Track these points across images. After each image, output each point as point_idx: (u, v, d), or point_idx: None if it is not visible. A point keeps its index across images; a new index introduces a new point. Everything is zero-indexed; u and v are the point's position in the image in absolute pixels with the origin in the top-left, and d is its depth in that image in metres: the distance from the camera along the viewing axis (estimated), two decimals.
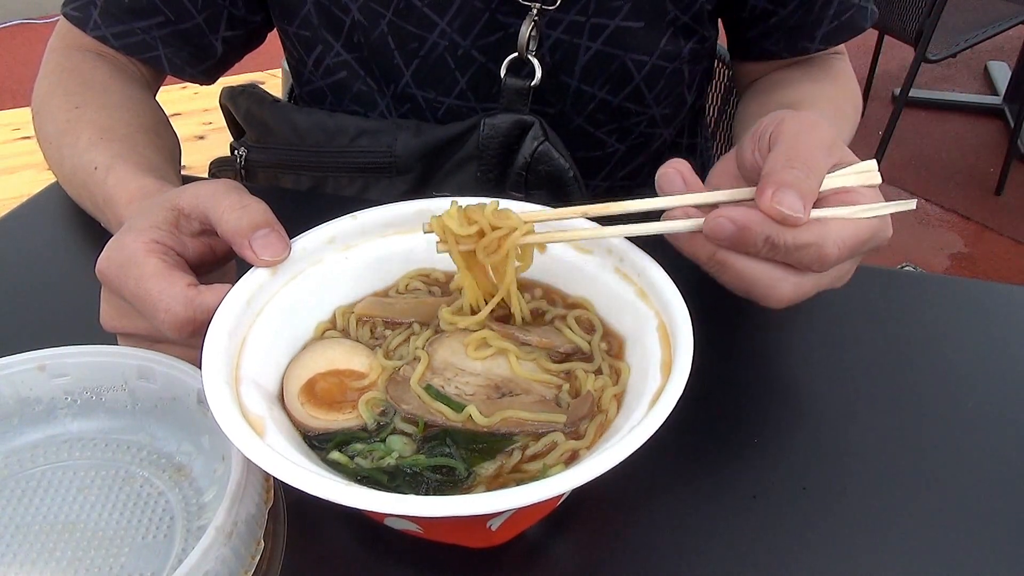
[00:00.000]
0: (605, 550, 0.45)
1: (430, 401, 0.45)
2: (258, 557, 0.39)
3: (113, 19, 0.75)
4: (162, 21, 0.75)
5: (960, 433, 0.52)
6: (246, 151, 0.82)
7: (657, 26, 0.74)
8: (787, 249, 0.45)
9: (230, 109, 0.87)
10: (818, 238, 0.45)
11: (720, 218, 0.45)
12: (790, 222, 0.44)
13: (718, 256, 0.46)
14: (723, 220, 0.45)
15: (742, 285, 0.47)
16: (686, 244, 0.48)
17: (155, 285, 0.45)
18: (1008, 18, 2.50)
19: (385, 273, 0.54)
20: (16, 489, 0.45)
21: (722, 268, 0.47)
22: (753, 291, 0.47)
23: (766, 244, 0.45)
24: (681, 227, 0.47)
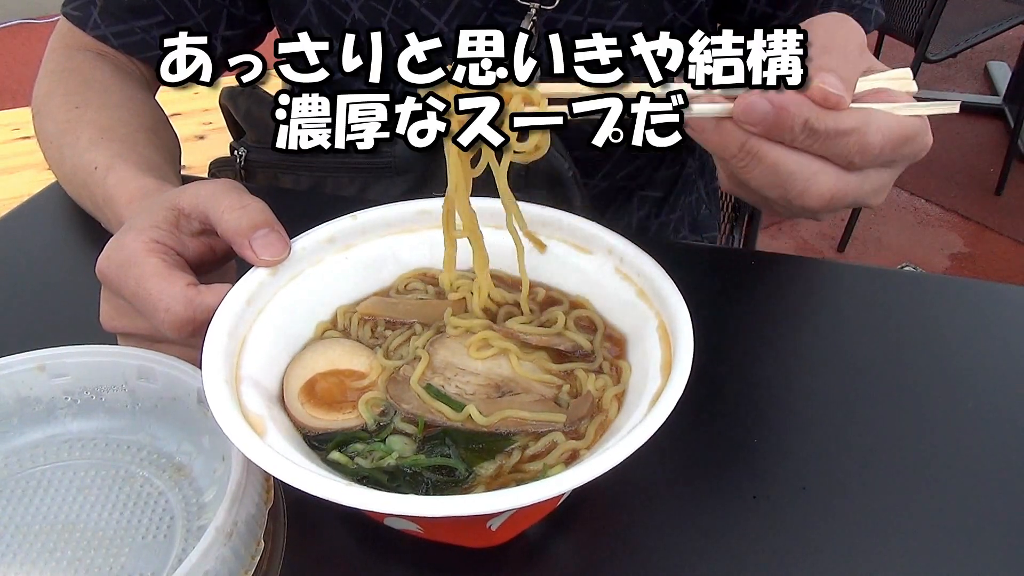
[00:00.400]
0: (605, 550, 0.45)
1: (430, 400, 0.45)
2: (258, 557, 0.39)
3: (113, 18, 0.75)
4: (162, 20, 0.75)
5: (960, 433, 0.52)
6: (246, 151, 0.81)
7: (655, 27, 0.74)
8: (828, 135, 0.41)
9: (230, 109, 0.87)
10: (861, 123, 0.41)
11: (753, 97, 0.40)
12: (831, 102, 0.40)
13: (750, 144, 0.41)
14: (757, 99, 0.40)
15: (775, 179, 0.42)
16: (713, 135, 0.42)
17: (155, 285, 0.45)
18: (1008, 18, 2.50)
19: (385, 273, 0.54)
20: (16, 489, 0.45)
21: (754, 160, 0.42)
22: (789, 187, 0.42)
23: (805, 130, 0.40)
24: (707, 110, 0.41)
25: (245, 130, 0.86)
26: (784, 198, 0.43)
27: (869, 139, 0.41)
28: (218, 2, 0.76)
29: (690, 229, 0.92)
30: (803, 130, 0.40)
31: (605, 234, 0.51)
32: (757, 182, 0.43)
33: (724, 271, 0.66)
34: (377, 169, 0.76)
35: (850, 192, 0.43)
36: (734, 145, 0.42)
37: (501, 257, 0.54)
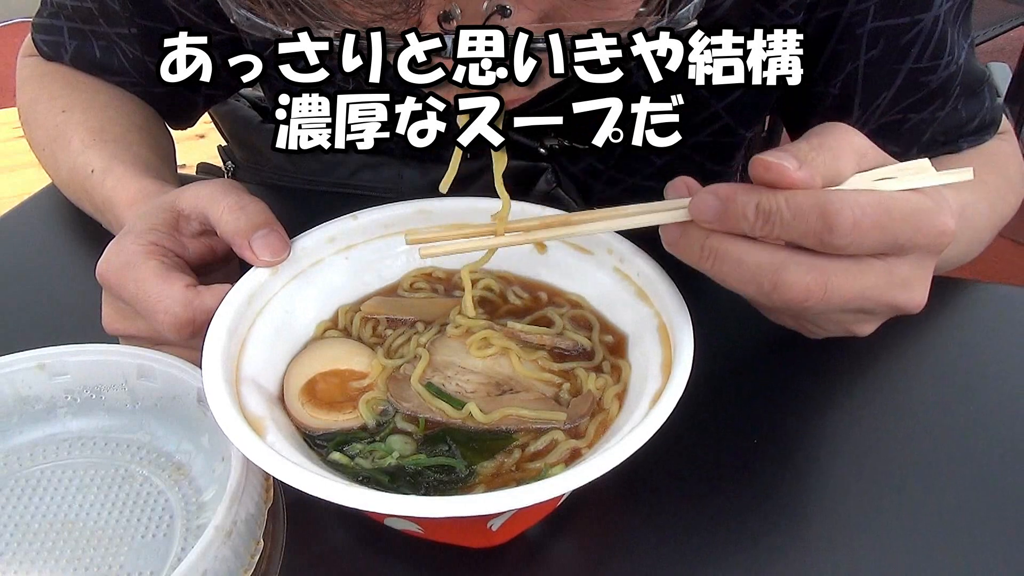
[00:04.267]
0: (605, 550, 0.45)
1: (430, 399, 0.45)
2: (257, 556, 0.39)
3: (84, 67, 0.72)
4: (135, 82, 0.73)
5: (960, 434, 0.52)
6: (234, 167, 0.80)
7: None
8: (783, 216, 0.38)
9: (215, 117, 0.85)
10: (822, 199, 0.38)
11: (702, 194, 0.39)
12: (773, 172, 0.38)
13: (709, 243, 0.40)
14: (705, 195, 0.39)
15: (745, 276, 0.40)
16: (680, 239, 0.42)
17: (154, 287, 0.45)
18: (1008, 19, 2.50)
19: (385, 273, 0.54)
20: (16, 488, 0.45)
21: (718, 258, 0.40)
22: (761, 283, 0.40)
23: (759, 216, 0.38)
24: (668, 217, 0.41)
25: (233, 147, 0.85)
26: (762, 293, 0.40)
27: (832, 212, 0.37)
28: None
29: None
30: (757, 216, 0.38)
31: (605, 234, 0.51)
32: (730, 283, 0.41)
33: None
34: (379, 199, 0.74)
35: (846, 283, 0.39)
36: (696, 247, 0.40)
37: (506, 258, 0.54)
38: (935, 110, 0.64)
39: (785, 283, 0.39)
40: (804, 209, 0.38)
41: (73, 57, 0.72)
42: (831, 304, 0.40)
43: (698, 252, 0.41)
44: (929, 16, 0.59)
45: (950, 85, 0.63)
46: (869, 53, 0.61)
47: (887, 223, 0.38)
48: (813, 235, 0.38)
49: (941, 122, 0.65)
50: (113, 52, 0.70)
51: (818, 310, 0.41)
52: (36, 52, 0.75)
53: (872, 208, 0.38)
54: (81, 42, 0.71)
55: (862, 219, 0.38)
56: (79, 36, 0.71)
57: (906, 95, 0.63)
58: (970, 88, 0.65)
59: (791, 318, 0.48)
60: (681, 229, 0.41)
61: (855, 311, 0.43)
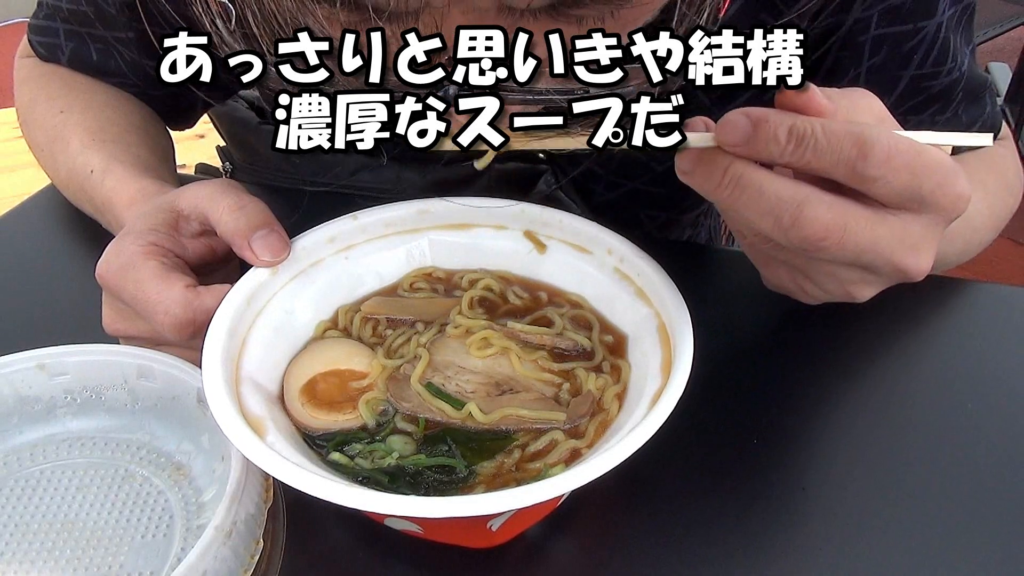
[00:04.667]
0: (605, 550, 0.45)
1: (430, 399, 0.45)
2: (257, 556, 0.39)
3: (81, 69, 0.72)
4: (132, 83, 0.72)
5: (960, 434, 0.52)
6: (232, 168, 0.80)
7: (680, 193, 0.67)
8: (817, 141, 0.36)
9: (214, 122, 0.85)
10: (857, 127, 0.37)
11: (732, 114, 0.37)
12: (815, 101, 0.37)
13: (732, 168, 0.38)
14: (736, 115, 0.37)
15: (765, 207, 0.38)
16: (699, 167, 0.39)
17: (154, 288, 0.45)
18: (1009, 19, 2.50)
19: (385, 273, 0.54)
20: (15, 488, 0.45)
21: (738, 187, 0.38)
22: (780, 213, 0.38)
23: (791, 139, 0.36)
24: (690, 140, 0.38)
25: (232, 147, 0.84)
26: (779, 227, 0.38)
27: (869, 139, 0.36)
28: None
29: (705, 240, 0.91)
30: (789, 138, 0.37)
31: (605, 234, 0.51)
32: (748, 212, 0.39)
33: (724, 271, 0.66)
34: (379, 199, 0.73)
35: (863, 226, 0.38)
36: (716, 174, 0.39)
37: (505, 257, 0.54)
38: (935, 113, 0.64)
39: (806, 218, 0.37)
40: (839, 135, 0.36)
41: (70, 59, 0.72)
42: (845, 249, 0.39)
43: (718, 179, 0.39)
44: (932, 23, 0.59)
45: (952, 91, 0.63)
46: (872, 60, 0.61)
47: (917, 167, 0.37)
48: (846, 163, 0.37)
49: (941, 126, 0.65)
50: (110, 55, 0.70)
51: (830, 255, 0.39)
52: (33, 53, 0.75)
53: (906, 147, 0.37)
54: (78, 44, 0.71)
55: (895, 155, 0.37)
56: (75, 38, 0.71)
57: (907, 100, 0.63)
58: (972, 94, 0.65)
59: (791, 274, 0.46)
60: (701, 155, 0.39)
61: (862, 267, 0.42)
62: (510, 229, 0.54)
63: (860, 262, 0.41)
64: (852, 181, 0.38)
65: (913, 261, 0.41)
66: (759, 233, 0.41)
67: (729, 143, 0.38)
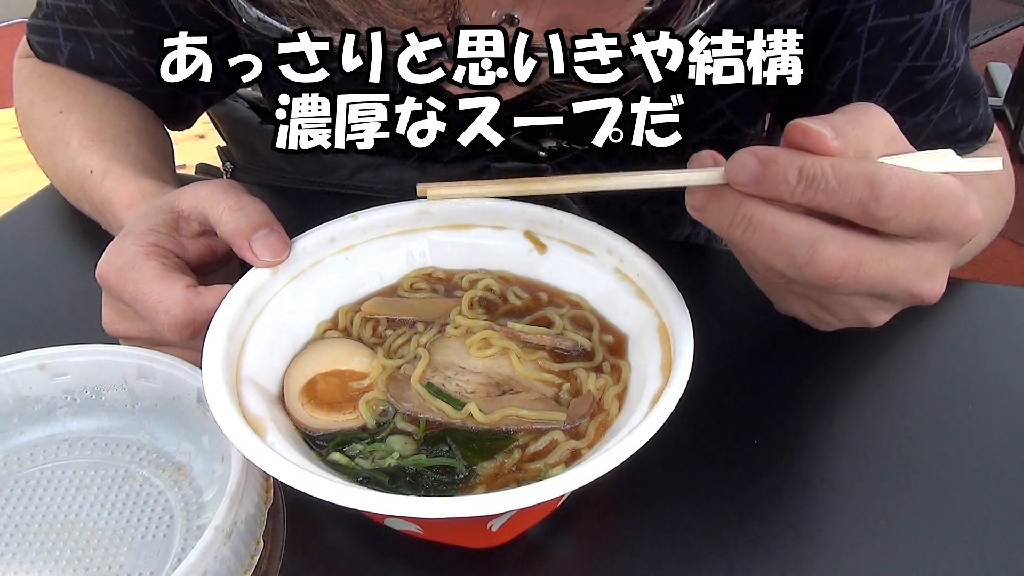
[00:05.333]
0: (605, 550, 0.45)
1: (430, 399, 0.45)
2: (257, 557, 0.39)
3: (80, 69, 0.72)
4: (131, 82, 0.72)
5: (960, 434, 0.52)
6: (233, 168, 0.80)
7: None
8: (828, 183, 0.36)
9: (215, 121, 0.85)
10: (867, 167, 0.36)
11: (741, 154, 0.37)
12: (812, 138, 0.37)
13: (744, 208, 0.38)
14: (745, 155, 0.37)
15: (778, 247, 0.38)
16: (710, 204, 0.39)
17: (154, 288, 0.45)
18: (1009, 20, 2.50)
19: (385, 273, 0.54)
20: (16, 488, 0.45)
21: (751, 226, 0.38)
22: (795, 251, 0.38)
23: (801, 180, 0.36)
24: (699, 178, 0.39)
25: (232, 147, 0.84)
26: (793, 266, 0.38)
27: (881, 181, 0.36)
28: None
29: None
30: (799, 179, 0.36)
31: (605, 234, 0.51)
32: (761, 252, 0.39)
33: (724, 271, 0.66)
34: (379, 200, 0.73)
35: (876, 261, 0.38)
36: (729, 212, 0.38)
37: (505, 257, 0.54)
38: (930, 113, 0.64)
39: (821, 257, 0.37)
40: (851, 176, 0.36)
41: (69, 59, 0.72)
42: (860, 284, 0.39)
43: (729, 218, 0.39)
44: (929, 15, 0.59)
45: (946, 86, 0.63)
46: (868, 51, 0.61)
47: (929, 202, 0.37)
48: (857, 204, 0.37)
49: (936, 125, 0.65)
50: (108, 54, 0.70)
51: (846, 290, 0.40)
52: (32, 53, 0.75)
53: (917, 183, 0.37)
54: (76, 44, 0.71)
55: (907, 192, 0.37)
56: (74, 38, 0.71)
57: (901, 94, 0.63)
58: (966, 92, 0.65)
59: (805, 304, 0.46)
60: (712, 192, 0.39)
61: (878, 296, 0.42)
62: (510, 229, 0.54)
63: (875, 293, 0.41)
64: (864, 221, 0.38)
65: (928, 287, 0.41)
66: (772, 269, 0.41)
67: (739, 183, 0.38)
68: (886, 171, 0.37)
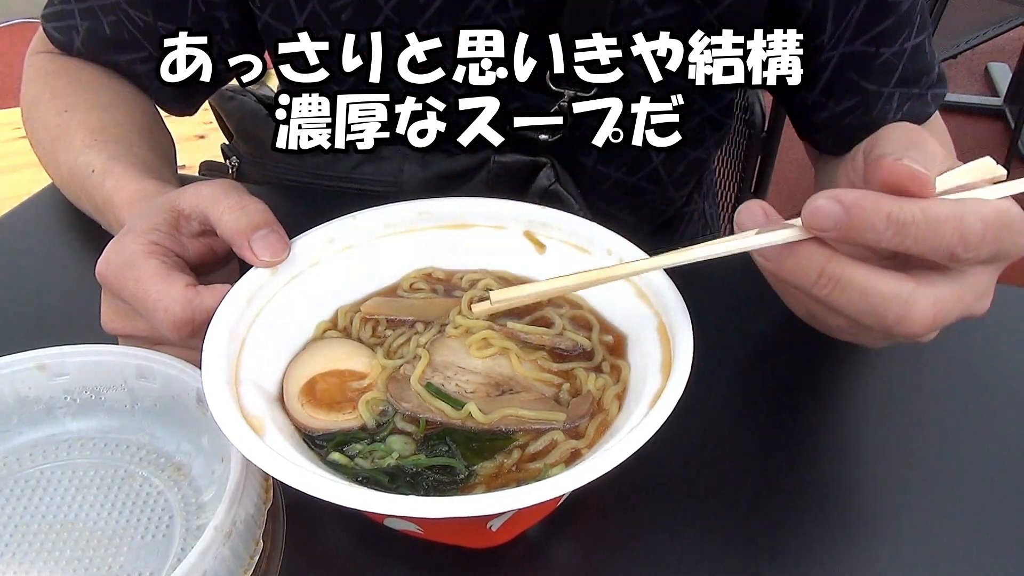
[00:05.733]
0: (605, 550, 0.45)
1: (430, 399, 0.45)
2: (257, 557, 0.39)
3: (95, 50, 0.73)
4: (146, 56, 0.73)
5: (961, 434, 0.52)
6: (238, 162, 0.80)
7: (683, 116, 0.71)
8: (918, 228, 0.35)
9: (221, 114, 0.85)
10: (955, 208, 0.35)
11: (820, 199, 0.35)
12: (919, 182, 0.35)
13: (831, 268, 0.36)
14: (824, 202, 0.35)
15: (867, 307, 0.37)
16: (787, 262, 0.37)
17: (154, 286, 0.45)
18: (1008, 19, 2.50)
19: (385, 273, 0.54)
20: (15, 488, 0.45)
21: (838, 285, 0.36)
22: (886, 312, 0.36)
23: (890, 226, 0.34)
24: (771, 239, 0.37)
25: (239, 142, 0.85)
26: (882, 325, 0.37)
27: (968, 225, 0.35)
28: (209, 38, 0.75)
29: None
30: (888, 225, 0.34)
31: (604, 234, 0.51)
32: (848, 310, 0.37)
33: (724, 271, 0.66)
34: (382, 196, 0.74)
35: (954, 305, 0.37)
36: (813, 271, 0.36)
37: (504, 257, 0.54)
38: (904, 40, 0.65)
39: (912, 318, 0.36)
40: (941, 222, 0.35)
41: (84, 40, 0.73)
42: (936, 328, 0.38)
43: (814, 278, 0.37)
44: None
45: (913, 12, 0.65)
46: None
47: (1003, 235, 0.36)
48: (945, 250, 0.35)
49: (911, 57, 0.66)
50: (123, 25, 0.71)
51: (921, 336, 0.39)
52: (45, 48, 0.76)
53: (992, 219, 0.36)
54: (92, 22, 0.72)
55: (987, 231, 0.36)
56: (90, 16, 0.72)
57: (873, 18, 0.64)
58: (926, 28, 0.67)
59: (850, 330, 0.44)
60: (791, 249, 0.37)
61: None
62: (509, 229, 0.54)
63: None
64: (946, 262, 0.37)
65: (981, 307, 0.41)
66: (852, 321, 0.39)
67: (822, 229, 0.35)
68: (969, 212, 0.36)
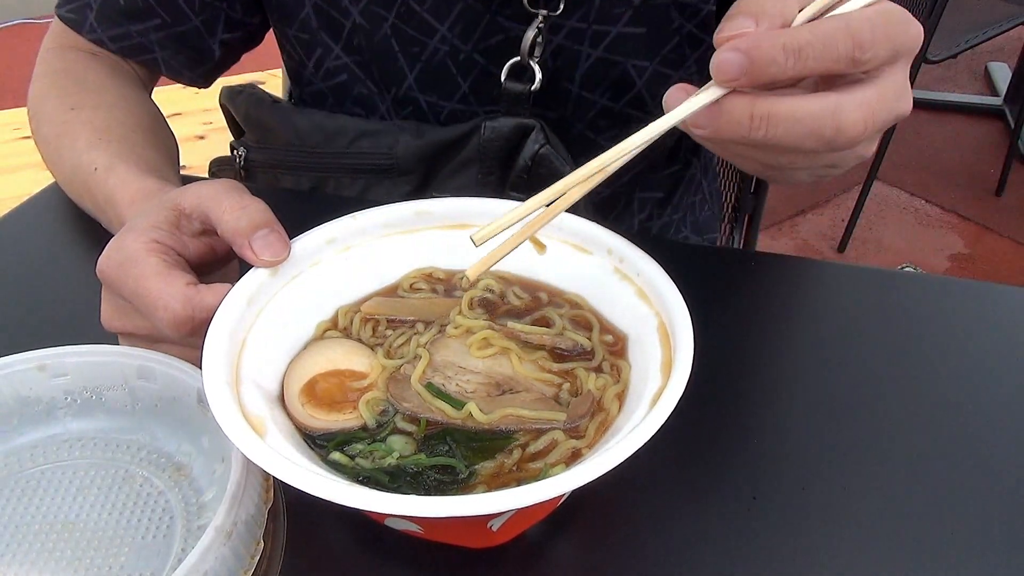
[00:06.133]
0: (605, 550, 0.45)
1: (430, 399, 0.45)
2: (258, 557, 0.39)
3: (109, 22, 0.74)
4: (159, 24, 0.75)
5: (960, 434, 0.52)
6: (245, 151, 0.82)
7: (661, 33, 0.72)
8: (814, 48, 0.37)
9: (229, 109, 0.87)
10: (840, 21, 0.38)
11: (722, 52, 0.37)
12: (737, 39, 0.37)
13: (757, 108, 0.38)
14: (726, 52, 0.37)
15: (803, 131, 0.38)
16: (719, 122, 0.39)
17: (154, 284, 0.45)
18: (1008, 19, 2.50)
19: (385, 273, 0.54)
20: (16, 489, 0.45)
21: (771, 120, 0.38)
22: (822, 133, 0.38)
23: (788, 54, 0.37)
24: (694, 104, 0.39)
25: (245, 131, 0.86)
26: (823, 142, 0.39)
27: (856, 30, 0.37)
28: (215, 5, 0.76)
29: (691, 230, 0.92)
30: (786, 54, 0.37)
31: (605, 234, 0.51)
32: (788, 140, 0.39)
33: (724, 271, 0.66)
34: (378, 171, 0.76)
35: (880, 104, 0.39)
36: (744, 119, 0.38)
37: (505, 258, 0.54)
38: None
39: (845, 124, 0.38)
40: (830, 34, 0.37)
41: (99, 12, 0.74)
42: (872, 132, 0.40)
43: (747, 122, 0.38)
44: None
45: None
46: None
47: (890, 30, 0.38)
48: (845, 58, 0.38)
49: None
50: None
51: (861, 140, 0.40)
52: (56, 44, 0.77)
53: (876, 18, 0.38)
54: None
55: (875, 30, 0.38)
56: None
57: None
58: None
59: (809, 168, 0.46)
60: (715, 110, 0.39)
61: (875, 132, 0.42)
62: (509, 229, 0.54)
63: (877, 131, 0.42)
64: (850, 70, 0.39)
65: (906, 106, 0.42)
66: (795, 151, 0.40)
67: (730, 78, 0.37)
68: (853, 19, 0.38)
